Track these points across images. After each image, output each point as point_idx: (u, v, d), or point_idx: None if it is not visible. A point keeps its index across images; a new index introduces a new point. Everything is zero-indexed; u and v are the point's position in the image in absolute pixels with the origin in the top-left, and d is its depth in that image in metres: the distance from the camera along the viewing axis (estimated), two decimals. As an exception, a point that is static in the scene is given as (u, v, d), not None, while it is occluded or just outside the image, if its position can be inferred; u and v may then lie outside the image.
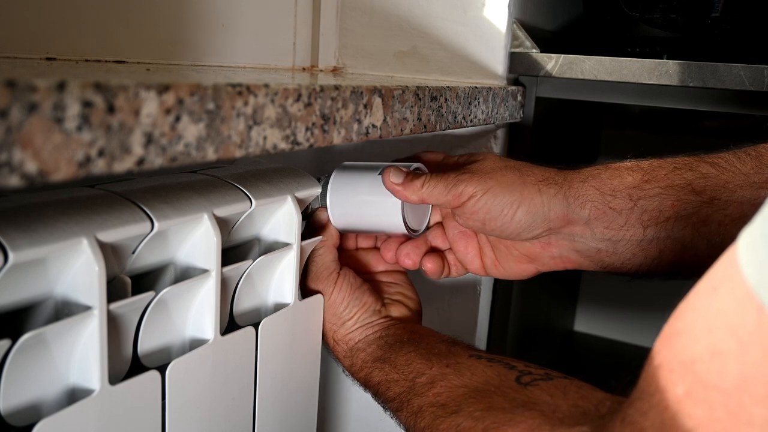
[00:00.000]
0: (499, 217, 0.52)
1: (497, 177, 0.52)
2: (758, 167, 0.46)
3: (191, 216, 0.42)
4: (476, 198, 0.52)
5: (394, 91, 0.46)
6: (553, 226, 0.52)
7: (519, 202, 0.51)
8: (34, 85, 0.23)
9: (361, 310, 0.56)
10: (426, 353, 0.51)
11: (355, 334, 0.56)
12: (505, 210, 0.51)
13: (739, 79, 0.58)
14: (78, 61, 0.50)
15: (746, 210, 0.46)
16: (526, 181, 0.52)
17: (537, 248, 0.54)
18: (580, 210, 0.50)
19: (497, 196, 0.51)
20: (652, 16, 0.73)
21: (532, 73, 0.68)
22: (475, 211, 0.52)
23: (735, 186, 0.46)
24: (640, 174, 0.50)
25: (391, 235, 0.58)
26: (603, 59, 0.64)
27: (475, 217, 0.53)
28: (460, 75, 0.71)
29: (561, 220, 0.51)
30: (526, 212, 0.51)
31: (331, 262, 0.56)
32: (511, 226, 0.52)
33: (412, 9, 0.72)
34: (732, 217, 0.46)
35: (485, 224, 0.53)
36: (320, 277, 0.56)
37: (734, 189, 0.46)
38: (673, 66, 0.61)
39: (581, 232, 0.51)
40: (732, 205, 0.46)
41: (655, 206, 0.48)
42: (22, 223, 0.33)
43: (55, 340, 0.35)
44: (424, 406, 0.48)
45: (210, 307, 0.44)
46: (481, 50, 0.69)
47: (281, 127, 0.36)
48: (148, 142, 0.28)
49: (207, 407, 0.45)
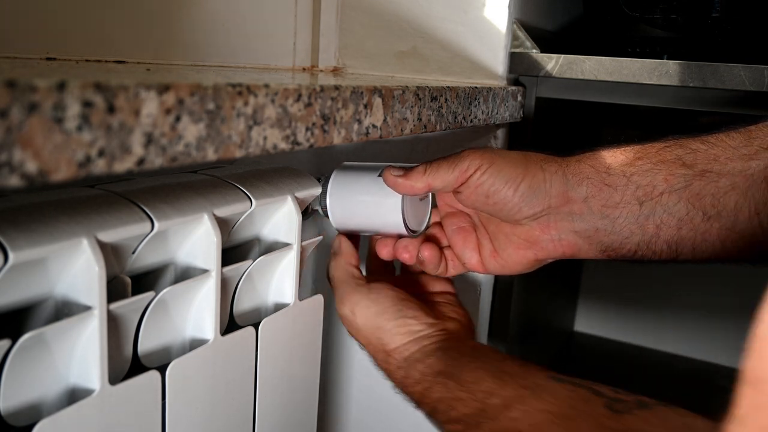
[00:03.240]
0: (502, 190, 0.52)
1: (500, 153, 0.53)
2: (746, 140, 0.47)
3: (191, 216, 0.42)
4: (482, 170, 0.52)
5: (394, 91, 0.46)
6: (553, 204, 0.52)
7: (523, 176, 0.52)
8: (34, 85, 0.23)
9: (412, 320, 0.54)
10: (497, 371, 0.47)
11: (411, 345, 0.53)
12: (509, 183, 0.52)
13: (739, 79, 0.58)
14: (78, 61, 0.50)
15: (738, 181, 0.47)
16: (528, 159, 0.53)
17: (536, 231, 0.54)
18: (578, 187, 0.52)
19: (502, 169, 0.52)
20: (652, 16, 0.73)
21: (532, 73, 0.68)
22: (479, 184, 0.52)
23: (725, 158, 0.47)
24: (632, 152, 0.51)
25: (391, 235, 0.58)
26: (603, 59, 0.64)
27: (479, 190, 0.53)
28: (461, 75, 0.71)
29: (561, 198, 0.52)
30: (529, 186, 0.52)
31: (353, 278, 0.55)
32: (514, 199, 0.52)
33: (412, 9, 0.72)
34: (724, 189, 0.47)
35: (488, 198, 0.53)
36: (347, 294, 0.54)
37: (725, 161, 0.47)
38: (673, 66, 0.61)
39: (580, 211, 0.52)
40: (724, 176, 0.47)
41: (648, 181, 0.50)
42: (22, 223, 0.33)
43: (55, 340, 0.35)
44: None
45: (210, 307, 0.44)
46: (481, 50, 0.69)
47: (281, 127, 0.36)
48: (148, 142, 0.28)
49: (207, 407, 0.45)
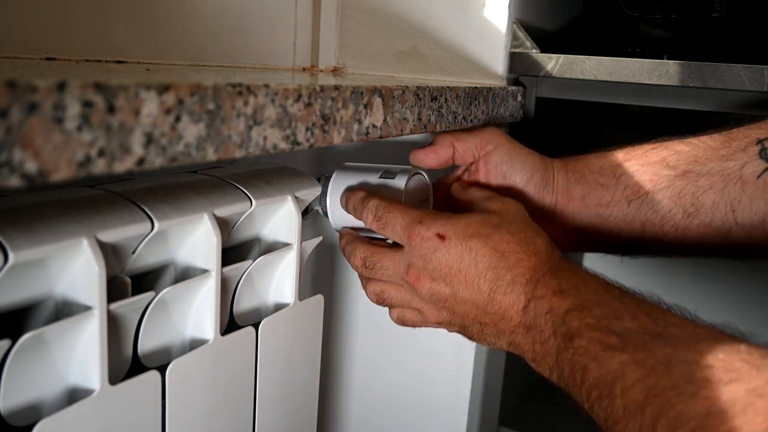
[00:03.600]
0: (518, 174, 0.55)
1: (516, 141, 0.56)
2: (727, 141, 0.50)
3: (191, 216, 0.42)
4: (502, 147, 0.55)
5: (394, 91, 0.46)
6: (559, 201, 0.55)
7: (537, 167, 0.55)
8: (34, 85, 0.23)
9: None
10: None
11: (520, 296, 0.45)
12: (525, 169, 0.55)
13: (739, 79, 0.58)
14: (78, 61, 0.50)
15: (715, 180, 0.49)
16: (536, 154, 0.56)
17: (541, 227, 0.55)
18: (577, 185, 0.55)
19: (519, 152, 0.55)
20: (652, 16, 0.73)
21: (532, 73, 0.68)
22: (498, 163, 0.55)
23: (705, 159, 0.50)
24: (621, 154, 0.55)
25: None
26: (603, 59, 0.64)
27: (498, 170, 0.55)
28: (460, 75, 0.71)
29: (565, 195, 0.55)
30: (542, 177, 0.55)
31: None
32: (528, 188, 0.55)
33: (412, 9, 0.72)
34: (703, 188, 0.50)
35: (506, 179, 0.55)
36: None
37: (704, 162, 0.50)
38: (673, 66, 0.61)
39: (579, 208, 0.55)
40: (703, 176, 0.50)
41: (635, 182, 0.53)
42: (22, 223, 0.33)
43: (55, 340, 0.35)
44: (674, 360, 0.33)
45: (210, 307, 0.44)
46: (481, 50, 0.69)
47: (281, 127, 0.36)
48: (148, 142, 0.28)
49: (207, 407, 0.45)
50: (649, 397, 0.33)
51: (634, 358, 0.35)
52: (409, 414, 0.82)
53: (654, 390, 0.33)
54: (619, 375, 0.35)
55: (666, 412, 0.32)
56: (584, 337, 0.37)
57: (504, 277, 0.43)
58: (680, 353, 0.33)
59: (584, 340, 0.37)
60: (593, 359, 0.36)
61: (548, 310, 0.40)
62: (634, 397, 0.34)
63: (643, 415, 0.33)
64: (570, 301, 0.40)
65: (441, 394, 0.78)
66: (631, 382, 0.34)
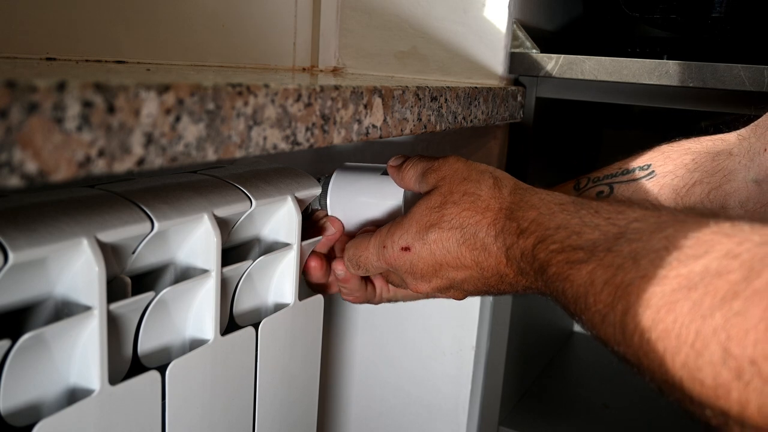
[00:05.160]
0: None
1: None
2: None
3: (191, 216, 0.42)
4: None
5: (394, 92, 0.46)
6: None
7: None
8: (34, 85, 0.23)
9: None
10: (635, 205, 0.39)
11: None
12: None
13: (739, 79, 0.58)
14: (78, 61, 0.50)
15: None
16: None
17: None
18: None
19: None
20: (652, 16, 0.73)
21: (532, 73, 0.68)
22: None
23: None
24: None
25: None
26: (603, 59, 0.64)
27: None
28: (460, 75, 0.71)
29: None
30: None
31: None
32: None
33: (412, 9, 0.72)
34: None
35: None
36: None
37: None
38: (673, 66, 0.61)
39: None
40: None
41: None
42: (22, 223, 0.33)
43: (55, 340, 0.35)
44: (641, 252, 0.33)
45: (210, 308, 0.44)
46: (481, 50, 0.69)
47: (281, 127, 0.36)
48: (148, 142, 0.28)
49: (207, 407, 0.45)
50: (617, 295, 0.33)
51: (602, 264, 0.35)
52: (409, 414, 0.82)
53: (622, 286, 0.33)
54: (589, 284, 0.35)
55: (634, 301, 0.31)
56: (553, 264, 0.39)
57: (476, 244, 0.45)
58: (647, 244, 0.33)
59: (554, 267, 0.39)
60: (565, 280, 0.37)
61: (521, 253, 0.42)
62: (605, 300, 0.34)
63: (615, 314, 0.33)
64: (533, 237, 0.41)
65: (441, 394, 0.79)
66: (600, 287, 0.34)
